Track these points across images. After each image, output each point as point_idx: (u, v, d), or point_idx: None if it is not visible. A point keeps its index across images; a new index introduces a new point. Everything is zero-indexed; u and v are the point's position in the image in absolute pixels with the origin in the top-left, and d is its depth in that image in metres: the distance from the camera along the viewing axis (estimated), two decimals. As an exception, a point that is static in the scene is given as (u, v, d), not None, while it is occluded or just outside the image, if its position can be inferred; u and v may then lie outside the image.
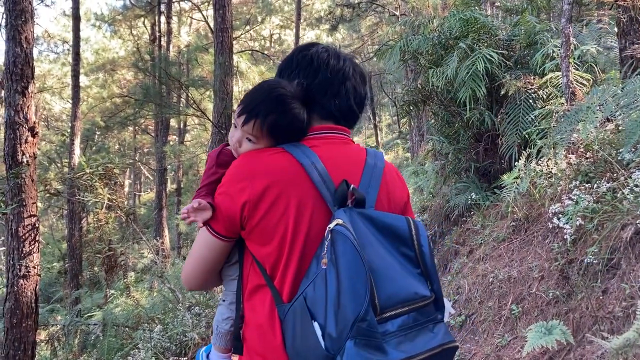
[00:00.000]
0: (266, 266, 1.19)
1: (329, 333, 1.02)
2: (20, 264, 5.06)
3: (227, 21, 8.87)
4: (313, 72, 1.30)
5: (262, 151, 1.22)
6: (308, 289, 1.10)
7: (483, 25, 5.68)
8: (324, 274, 1.07)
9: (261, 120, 1.20)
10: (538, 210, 4.28)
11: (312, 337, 1.04)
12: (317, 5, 22.20)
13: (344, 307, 1.01)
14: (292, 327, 1.12)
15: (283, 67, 1.36)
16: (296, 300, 1.12)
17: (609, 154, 3.67)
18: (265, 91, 1.23)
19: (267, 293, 1.19)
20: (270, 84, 1.26)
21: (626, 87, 3.59)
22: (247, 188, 1.16)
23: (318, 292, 1.07)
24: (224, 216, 1.19)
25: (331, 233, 1.06)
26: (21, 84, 5.12)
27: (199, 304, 6.83)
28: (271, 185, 1.16)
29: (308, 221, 1.18)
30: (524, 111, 5.13)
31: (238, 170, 1.20)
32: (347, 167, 1.26)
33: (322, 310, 1.05)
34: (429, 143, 8.92)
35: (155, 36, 17.71)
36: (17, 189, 5.11)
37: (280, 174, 1.17)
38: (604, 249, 3.10)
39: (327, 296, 1.04)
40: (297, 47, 1.39)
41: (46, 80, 23.37)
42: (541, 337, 2.78)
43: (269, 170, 1.18)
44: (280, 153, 1.21)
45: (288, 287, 1.17)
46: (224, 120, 8.77)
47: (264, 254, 1.19)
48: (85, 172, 9.89)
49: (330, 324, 1.02)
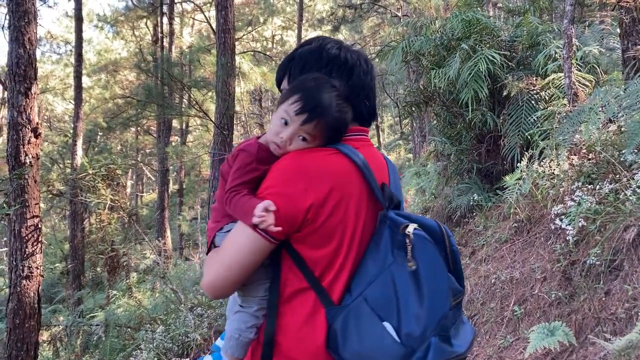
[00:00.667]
0: (316, 268, 1.16)
1: (407, 333, 1.05)
2: (23, 265, 5.07)
3: (229, 22, 8.89)
4: (348, 73, 1.28)
5: (318, 151, 1.19)
6: (369, 290, 1.12)
7: (485, 26, 5.68)
8: (391, 276, 1.10)
9: (324, 121, 1.17)
10: (540, 212, 4.27)
11: (386, 337, 1.07)
12: (319, 6, 22.23)
13: (430, 306, 1.06)
14: (354, 330, 1.10)
15: (309, 59, 1.30)
16: (353, 301, 1.12)
17: (611, 155, 3.67)
18: (324, 90, 1.19)
19: (310, 296, 1.16)
20: (327, 82, 1.21)
21: (629, 89, 3.58)
22: (311, 190, 1.12)
23: (385, 294, 1.10)
24: (282, 218, 1.11)
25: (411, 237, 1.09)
26: (24, 85, 5.13)
27: (201, 305, 6.83)
28: (334, 188, 1.15)
29: (363, 223, 1.20)
30: (526, 112, 5.12)
31: (299, 170, 1.14)
32: (381, 169, 1.29)
33: (393, 311, 1.08)
34: (431, 144, 8.92)
35: (158, 37, 17.75)
36: (20, 190, 5.12)
37: (341, 176, 1.17)
38: (607, 251, 3.09)
39: (400, 297, 1.08)
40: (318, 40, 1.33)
41: (49, 81, 23.44)
42: (543, 339, 2.78)
43: (330, 172, 1.16)
44: (336, 154, 1.19)
45: (340, 289, 1.16)
46: (226, 121, 8.78)
47: (317, 257, 1.16)
48: (88, 172, 9.92)
49: (409, 323, 1.06)
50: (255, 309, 1.19)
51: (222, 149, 8.66)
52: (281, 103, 1.21)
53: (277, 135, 1.19)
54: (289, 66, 1.33)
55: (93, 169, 10.15)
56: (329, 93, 1.19)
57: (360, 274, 1.16)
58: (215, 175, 8.71)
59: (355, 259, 1.18)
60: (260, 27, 21.02)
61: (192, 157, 19.06)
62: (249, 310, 1.19)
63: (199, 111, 10.31)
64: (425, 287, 1.07)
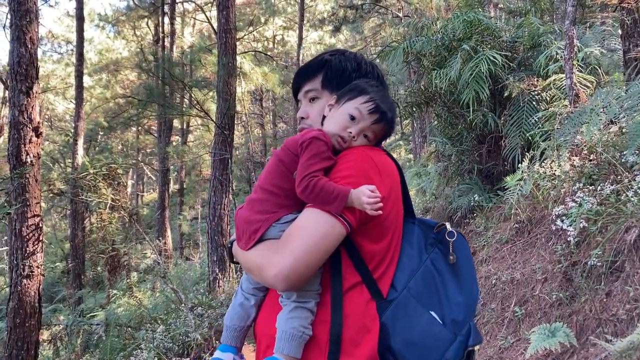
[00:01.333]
0: (371, 262, 1.19)
1: (453, 319, 1.19)
2: (24, 264, 5.07)
3: (230, 22, 8.89)
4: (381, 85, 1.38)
5: (377, 150, 1.27)
6: (412, 283, 1.22)
7: (487, 27, 5.68)
8: (430, 269, 1.23)
9: (388, 125, 1.29)
10: (541, 213, 4.27)
11: (435, 325, 1.18)
12: (320, 6, 22.23)
13: (469, 294, 1.22)
14: (399, 320, 1.18)
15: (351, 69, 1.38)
16: (400, 295, 1.20)
17: (612, 156, 3.66)
18: (388, 98, 1.32)
19: (364, 289, 1.18)
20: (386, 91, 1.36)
21: (630, 90, 3.58)
22: (382, 184, 1.18)
23: (425, 285, 1.22)
24: None
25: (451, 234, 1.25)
26: (25, 84, 5.13)
27: (202, 305, 6.84)
28: (392, 186, 1.24)
29: (401, 220, 1.30)
30: (527, 113, 5.12)
31: (375, 165, 1.21)
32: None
33: (436, 300, 1.21)
34: (432, 144, 8.92)
35: (159, 37, 17.75)
36: (21, 189, 5.12)
37: (395, 176, 1.27)
38: (608, 252, 3.09)
39: (441, 288, 1.22)
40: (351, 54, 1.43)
41: (50, 81, 23.45)
42: (544, 340, 2.77)
43: (390, 171, 1.25)
44: (386, 155, 1.30)
45: (387, 283, 1.22)
46: (227, 121, 8.78)
47: (375, 250, 1.20)
48: (89, 172, 9.92)
49: (453, 310, 1.20)
50: (312, 304, 1.16)
51: (222, 148, 8.65)
52: (347, 100, 1.27)
53: (344, 129, 1.24)
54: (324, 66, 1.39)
55: (94, 168, 10.16)
56: (391, 101, 1.32)
57: (399, 269, 1.24)
58: (215, 175, 8.70)
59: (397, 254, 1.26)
60: (261, 27, 21.02)
61: (193, 156, 19.07)
62: (307, 305, 1.15)
63: (199, 111, 10.31)
64: (464, 277, 1.23)
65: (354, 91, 1.28)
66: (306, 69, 1.42)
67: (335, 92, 1.34)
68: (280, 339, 1.13)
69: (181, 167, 19.99)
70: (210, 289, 8.24)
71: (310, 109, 1.39)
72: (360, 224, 1.16)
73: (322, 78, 1.38)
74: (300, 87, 1.43)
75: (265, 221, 1.19)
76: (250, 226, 1.20)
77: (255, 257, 1.18)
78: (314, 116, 1.37)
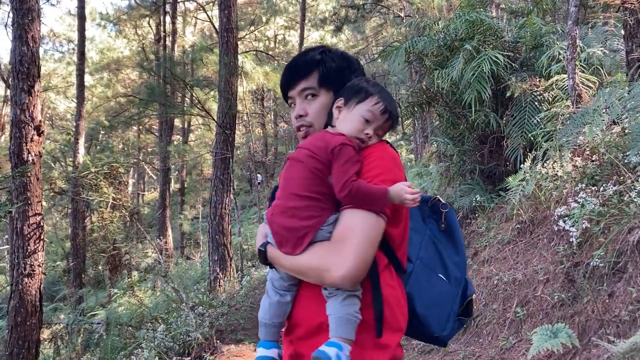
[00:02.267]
0: (395, 244, 1.34)
1: (455, 277, 1.45)
2: (25, 263, 5.08)
3: (232, 21, 8.89)
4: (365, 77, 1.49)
5: (384, 144, 1.39)
6: (421, 252, 1.46)
7: (489, 27, 5.67)
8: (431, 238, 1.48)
9: (395, 123, 1.41)
10: (543, 213, 4.26)
11: (445, 285, 1.43)
12: (321, 6, 22.22)
13: (462, 253, 1.49)
14: (420, 287, 1.40)
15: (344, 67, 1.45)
16: (415, 266, 1.43)
17: (615, 156, 3.65)
18: (389, 94, 1.41)
19: (391, 269, 1.33)
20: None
21: (633, 90, 3.57)
22: (400, 175, 1.33)
23: (431, 252, 1.47)
24: None
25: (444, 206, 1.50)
26: (27, 83, 5.13)
27: (202, 304, 6.84)
28: (404, 175, 1.37)
29: None
30: (529, 113, 5.11)
31: (395, 160, 1.35)
32: None
33: (439, 263, 1.46)
34: (433, 144, 8.91)
35: (160, 36, 17.76)
36: (22, 188, 5.13)
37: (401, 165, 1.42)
38: (610, 252, 3.08)
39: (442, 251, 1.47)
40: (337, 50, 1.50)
41: (51, 79, 23.48)
42: (546, 340, 2.77)
43: (399, 160, 1.39)
44: (389, 145, 1.40)
45: (405, 257, 1.39)
46: (228, 120, 8.78)
47: (396, 233, 1.33)
48: (90, 171, 9.94)
49: (454, 269, 1.45)
50: (360, 291, 1.26)
51: (224, 148, 8.65)
52: (358, 103, 1.35)
53: (362, 132, 1.34)
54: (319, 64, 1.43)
55: (95, 167, 10.17)
56: (392, 97, 1.41)
57: (410, 243, 1.42)
58: (217, 174, 8.70)
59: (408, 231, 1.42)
60: (262, 26, 21.03)
61: (194, 156, 19.07)
62: (357, 292, 1.26)
63: (201, 110, 10.31)
64: (457, 240, 1.48)
65: (360, 93, 1.36)
66: (298, 67, 1.45)
67: (331, 90, 1.41)
68: (337, 324, 1.23)
69: (182, 167, 20.01)
70: (211, 288, 8.24)
71: (308, 106, 1.42)
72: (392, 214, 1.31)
73: (319, 76, 1.41)
74: (293, 86, 1.44)
75: (314, 226, 1.27)
76: (296, 232, 1.28)
77: (311, 260, 1.25)
78: (313, 114, 1.41)
